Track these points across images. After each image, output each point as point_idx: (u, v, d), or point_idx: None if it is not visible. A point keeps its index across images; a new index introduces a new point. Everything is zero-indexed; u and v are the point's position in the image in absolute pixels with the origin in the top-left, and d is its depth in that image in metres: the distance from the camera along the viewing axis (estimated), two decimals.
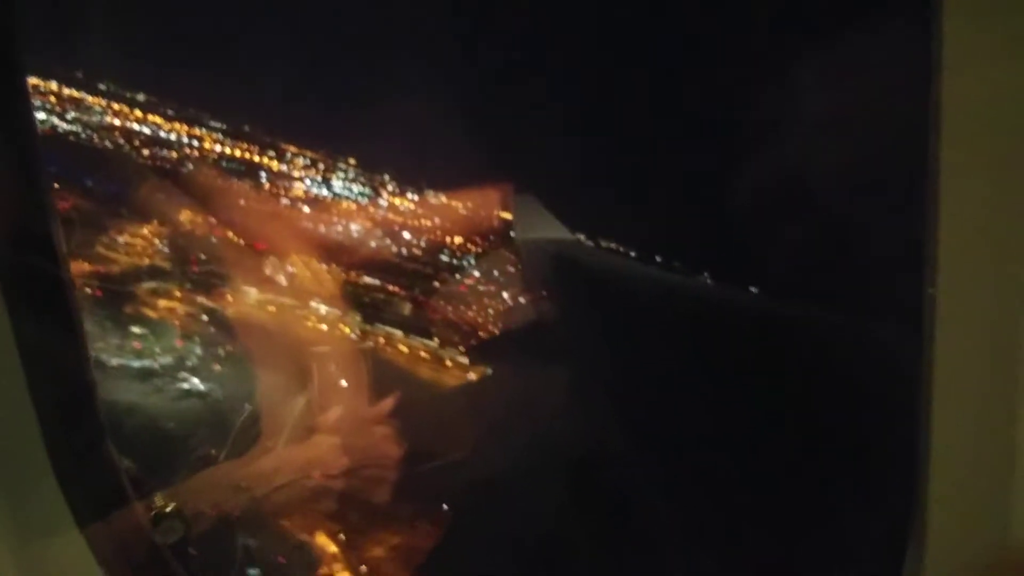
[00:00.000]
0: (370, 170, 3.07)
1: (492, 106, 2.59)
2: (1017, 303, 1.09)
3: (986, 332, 1.12)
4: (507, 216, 2.89)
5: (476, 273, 3.01)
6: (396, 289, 2.58)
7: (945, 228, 1.10)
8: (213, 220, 2.82)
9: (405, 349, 2.49)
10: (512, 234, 2.91)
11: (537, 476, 2.27)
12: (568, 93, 2.46)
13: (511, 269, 2.99)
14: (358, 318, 2.55)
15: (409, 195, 3.03)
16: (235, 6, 2.63)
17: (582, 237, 2.95)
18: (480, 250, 3.04)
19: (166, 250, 3.04)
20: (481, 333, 2.95)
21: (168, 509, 1.90)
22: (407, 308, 2.50)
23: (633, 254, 2.75)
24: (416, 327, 2.52)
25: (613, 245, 2.86)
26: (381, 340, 2.53)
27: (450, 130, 2.49)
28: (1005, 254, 1.09)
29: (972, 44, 1.06)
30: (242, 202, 2.91)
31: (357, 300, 2.61)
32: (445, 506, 2.36)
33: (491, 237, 2.97)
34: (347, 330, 2.53)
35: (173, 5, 2.55)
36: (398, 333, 2.49)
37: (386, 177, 3.07)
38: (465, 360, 2.58)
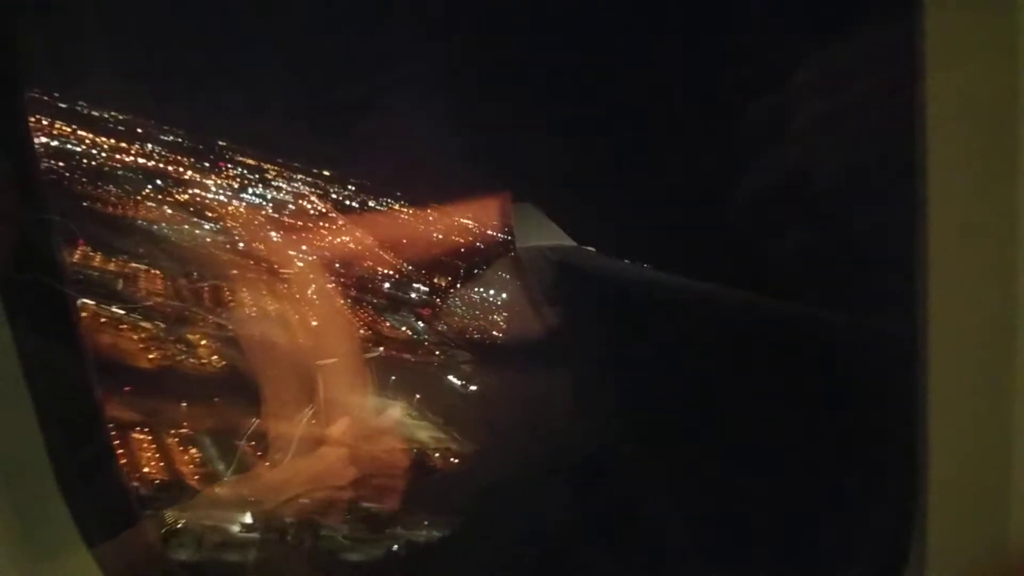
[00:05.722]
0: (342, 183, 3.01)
1: (485, 113, 2.59)
2: (1009, 298, 1.09)
3: (981, 329, 1.12)
4: (507, 224, 2.90)
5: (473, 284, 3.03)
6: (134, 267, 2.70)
7: (934, 224, 1.10)
8: None
9: (104, 319, 2.65)
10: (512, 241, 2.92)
11: (544, 482, 2.28)
12: (562, 98, 2.46)
13: (513, 277, 3.00)
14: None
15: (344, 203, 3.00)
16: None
17: (583, 243, 2.96)
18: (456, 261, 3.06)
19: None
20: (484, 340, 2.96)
21: (179, 525, 1.90)
22: (119, 284, 2.66)
23: (633, 259, 2.76)
24: (123, 299, 2.68)
25: (612, 250, 2.86)
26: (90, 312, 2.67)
27: (443, 139, 2.49)
28: (994, 247, 1.09)
29: (955, 41, 1.06)
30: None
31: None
32: (452, 513, 2.36)
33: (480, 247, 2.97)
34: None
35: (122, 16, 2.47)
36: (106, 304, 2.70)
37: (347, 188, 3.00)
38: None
